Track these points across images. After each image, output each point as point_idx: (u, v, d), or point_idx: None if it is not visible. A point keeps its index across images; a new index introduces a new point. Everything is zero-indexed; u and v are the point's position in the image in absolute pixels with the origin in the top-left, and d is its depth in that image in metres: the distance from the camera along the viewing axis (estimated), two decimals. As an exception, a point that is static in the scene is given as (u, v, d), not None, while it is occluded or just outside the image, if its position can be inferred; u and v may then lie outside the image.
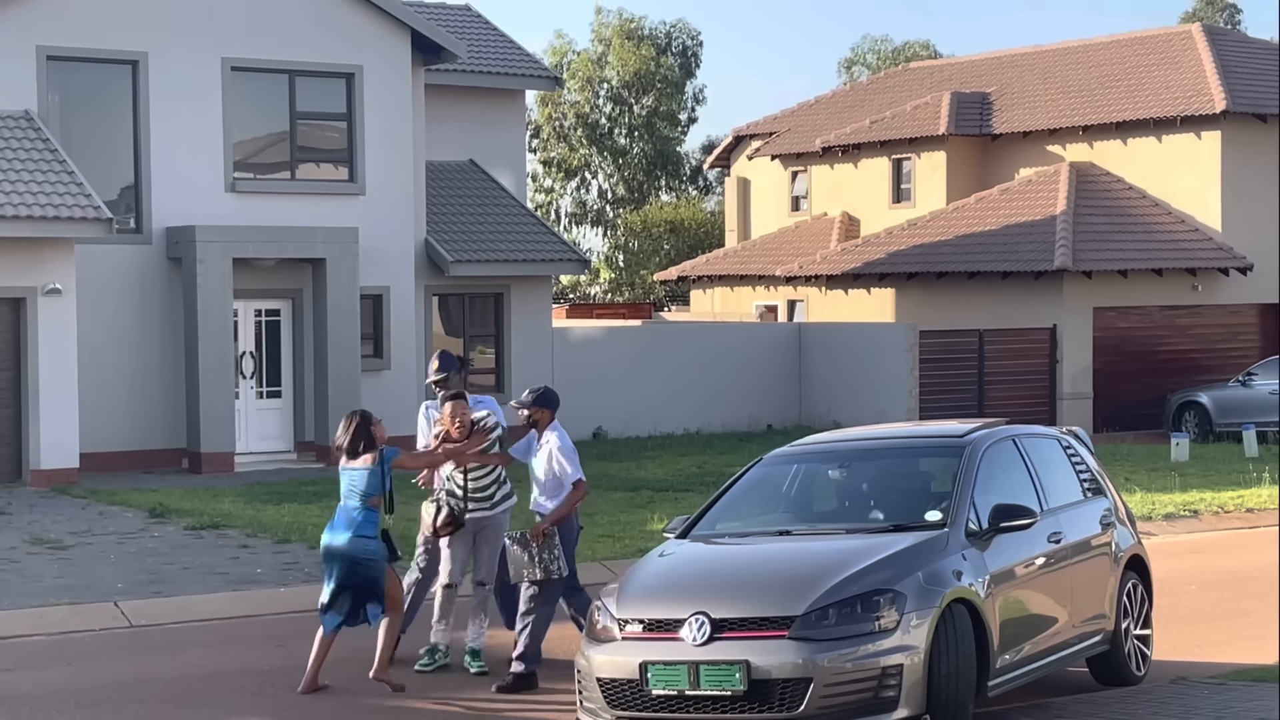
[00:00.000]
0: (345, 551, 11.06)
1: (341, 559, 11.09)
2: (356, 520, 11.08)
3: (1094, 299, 32.28)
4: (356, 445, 11.14)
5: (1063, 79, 38.10)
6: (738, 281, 40.40)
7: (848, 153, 39.71)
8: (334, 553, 11.14)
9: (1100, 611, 10.96)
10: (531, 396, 11.68)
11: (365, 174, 26.51)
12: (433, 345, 28.62)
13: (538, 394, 11.70)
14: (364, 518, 11.08)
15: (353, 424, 11.18)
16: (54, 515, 19.67)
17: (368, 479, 11.07)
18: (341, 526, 11.13)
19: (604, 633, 9.53)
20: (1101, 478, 11.79)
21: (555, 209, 64.87)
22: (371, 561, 11.07)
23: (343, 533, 11.10)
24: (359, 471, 11.11)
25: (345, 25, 26.25)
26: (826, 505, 10.87)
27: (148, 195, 24.92)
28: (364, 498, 11.07)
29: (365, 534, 11.06)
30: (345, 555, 11.07)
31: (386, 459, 11.14)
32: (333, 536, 11.17)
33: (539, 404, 11.65)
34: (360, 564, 11.05)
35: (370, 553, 11.07)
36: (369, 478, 11.07)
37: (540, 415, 11.65)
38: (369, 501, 11.08)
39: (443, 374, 12.54)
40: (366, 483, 11.07)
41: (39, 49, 23.98)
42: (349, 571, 11.07)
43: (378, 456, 11.10)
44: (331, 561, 11.17)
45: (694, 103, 65.41)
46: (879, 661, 8.98)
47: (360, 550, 11.05)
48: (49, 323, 22.62)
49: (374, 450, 11.12)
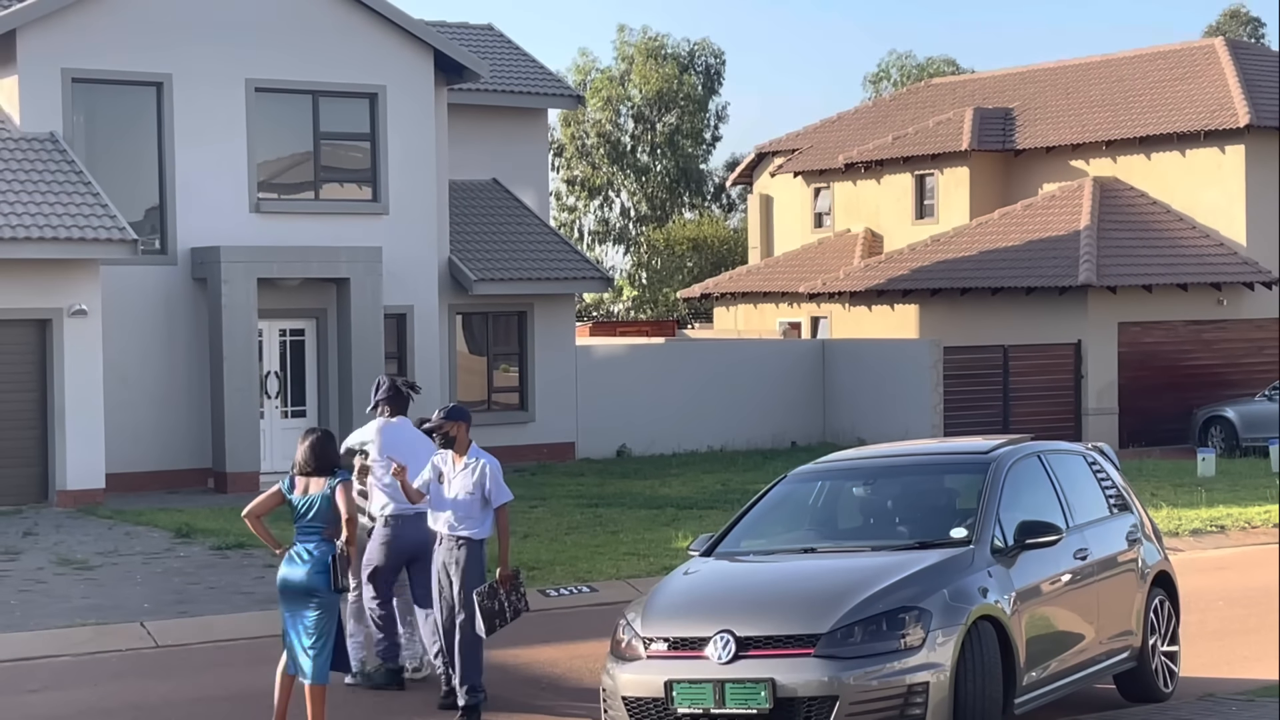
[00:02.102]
0: (306, 586, 10.23)
1: (299, 592, 10.27)
2: (316, 554, 10.25)
3: (1119, 314, 32.20)
4: (325, 465, 10.36)
5: (1086, 94, 38.05)
6: (761, 298, 40.40)
7: (871, 169, 39.70)
8: (292, 587, 10.31)
9: (1127, 628, 10.92)
10: (443, 413, 11.18)
11: (389, 193, 26.59)
12: (457, 364, 28.72)
13: (449, 410, 11.21)
14: (323, 551, 10.27)
15: (313, 443, 10.41)
16: (80, 536, 19.74)
17: (323, 506, 10.29)
18: (300, 559, 10.29)
19: (629, 651, 9.52)
20: (1127, 493, 11.75)
21: (578, 227, 64.97)
22: (330, 598, 10.31)
23: (301, 566, 10.26)
24: (315, 497, 10.32)
25: (368, 46, 26.35)
26: (851, 522, 10.85)
27: (172, 216, 25.02)
28: (322, 528, 10.30)
29: (324, 569, 10.24)
30: (305, 589, 10.24)
31: (334, 482, 10.34)
32: (291, 569, 10.31)
33: (451, 418, 11.11)
34: (318, 599, 10.27)
35: (321, 589, 10.25)
36: (324, 504, 10.29)
37: (456, 430, 11.08)
38: (326, 533, 10.29)
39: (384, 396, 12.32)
40: (323, 510, 10.28)
41: (64, 71, 24.11)
42: (303, 606, 10.28)
43: (330, 482, 10.34)
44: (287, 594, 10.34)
45: (717, 120, 65.49)
46: (904, 679, 8.96)
47: (322, 585, 10.24)
48: (75, 344, 22.71)
49: (326, 474, 10.37)
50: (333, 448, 10.54)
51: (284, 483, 10.47)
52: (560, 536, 19.50)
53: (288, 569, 10.33)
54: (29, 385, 22.73)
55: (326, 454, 10.42)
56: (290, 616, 10.36)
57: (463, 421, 11.16)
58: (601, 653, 10.25)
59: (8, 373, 22.63)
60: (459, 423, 11.13)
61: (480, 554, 11.14)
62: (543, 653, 13.37)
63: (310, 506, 10.32)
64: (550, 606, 15.61)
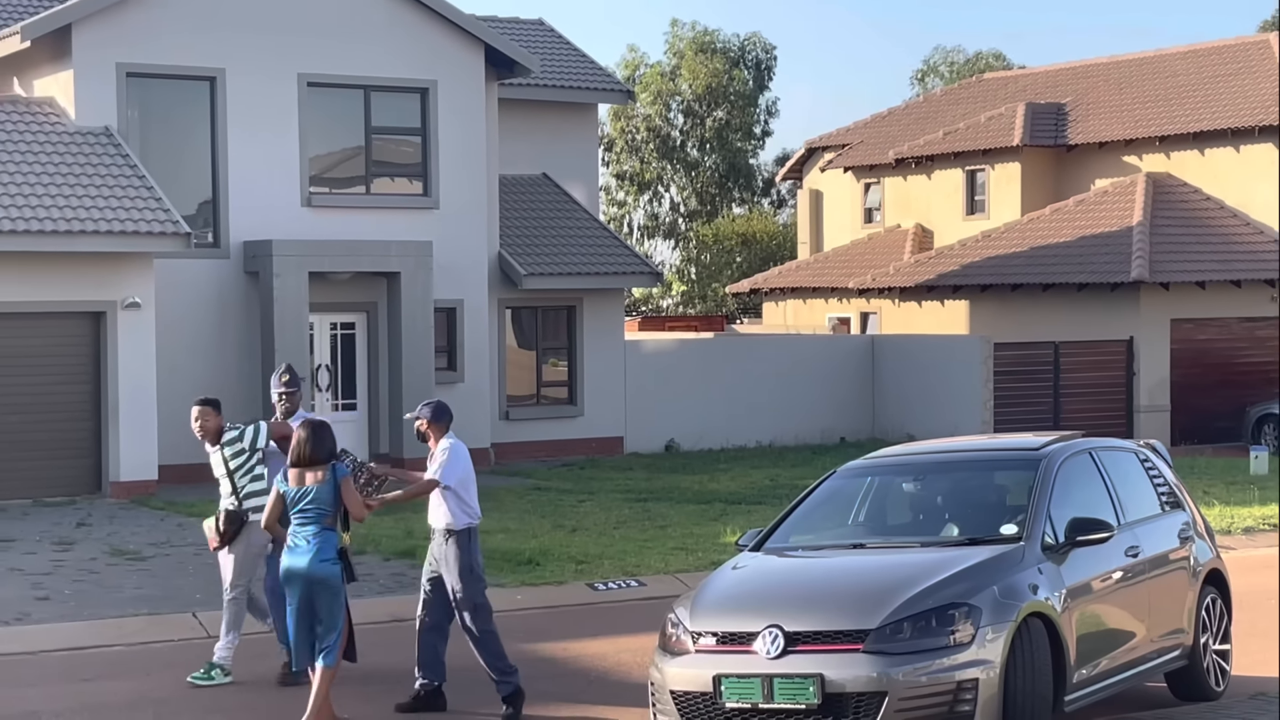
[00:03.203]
0: (309, 574, 10.38)
1: (304, 581, 10.41)
2: (317, 543, 10.39)
3: (1171, 311, 31.98)
4: (321, 457, 10.44)
5: (1139, 89, 37.81)
6: (810, 294, 40.31)
7: (921, 164, 39.55)
8: (295, 575, 10.44)
9: (1178, 626, 10.86)
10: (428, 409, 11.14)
11: (439, 188, 26.67)
12: (506, 358, 28.79)
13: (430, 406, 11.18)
14: (324, 539, 10.42)
15: (310, 433, 10.47)
16: (133, 527, 19.90)
17: (322, 495, 10.40)
18: (301, 548, 10.41)
19: (678, 645, 9.53)
20: (1179, 491, 11.68)
21: (627, 222, 64.97)
22: (336, 584, 10.45)
23: (303, 555, 10.39)
24: (312, 488, 10.41)
25: (420, 41, 26.44)
26: (901, 518, 10.83)
27: (225, 210, 25.17)
28: (320, 517, 10.40)
29: (327, 557, 10.41)
30: (308, 578, 10.39)
31: (339, 474, 10.50)
32: (293, 558, 10.44)
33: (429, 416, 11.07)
34: (326, 587, 10.41)
35: (335, 576, 10.45)
36: (323, 494, 10.40)
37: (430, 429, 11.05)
38: (326, 521, 10.42)
39: (292, 389, 12.29)
40: (322, 499, 10.39)
41: (119, 66, 24.29)
42: (311, 594, 10.42)
43: (328, 472, 10.46)
44: (290, 584, 10.50)
45: (767, 115, 65.35)
46: (954, 676, 8.94)
47: (326, 574, 10.40)
48: (128, 336, 22.89)
49: (324, 464, 10.45)
50: (330, 437, 10.60)
51: (278, 481, 10.60)
52: (608, 531, 19.53)
53: (291, 557, 10.44)
54: (83, 377, 22.92)
55: (324, 444, 10.50)
56: (296, 605, 10.43)
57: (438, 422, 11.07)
58: (649, 647, 10.26)
59: (62, 365, 22.83)
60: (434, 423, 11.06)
61: (467, 545, 10.95)
62: (591, 646, 13.39)
63: (308, 496, 10.40)
64: (598, 600, 15.63)
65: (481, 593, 11.08)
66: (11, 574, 16.59)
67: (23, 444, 22.44)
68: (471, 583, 10.99)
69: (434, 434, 11.10)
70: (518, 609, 15.08)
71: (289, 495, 10.51)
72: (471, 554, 11.00)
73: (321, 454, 10.45)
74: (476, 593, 11.02)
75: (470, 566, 10.97)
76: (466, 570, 10.95)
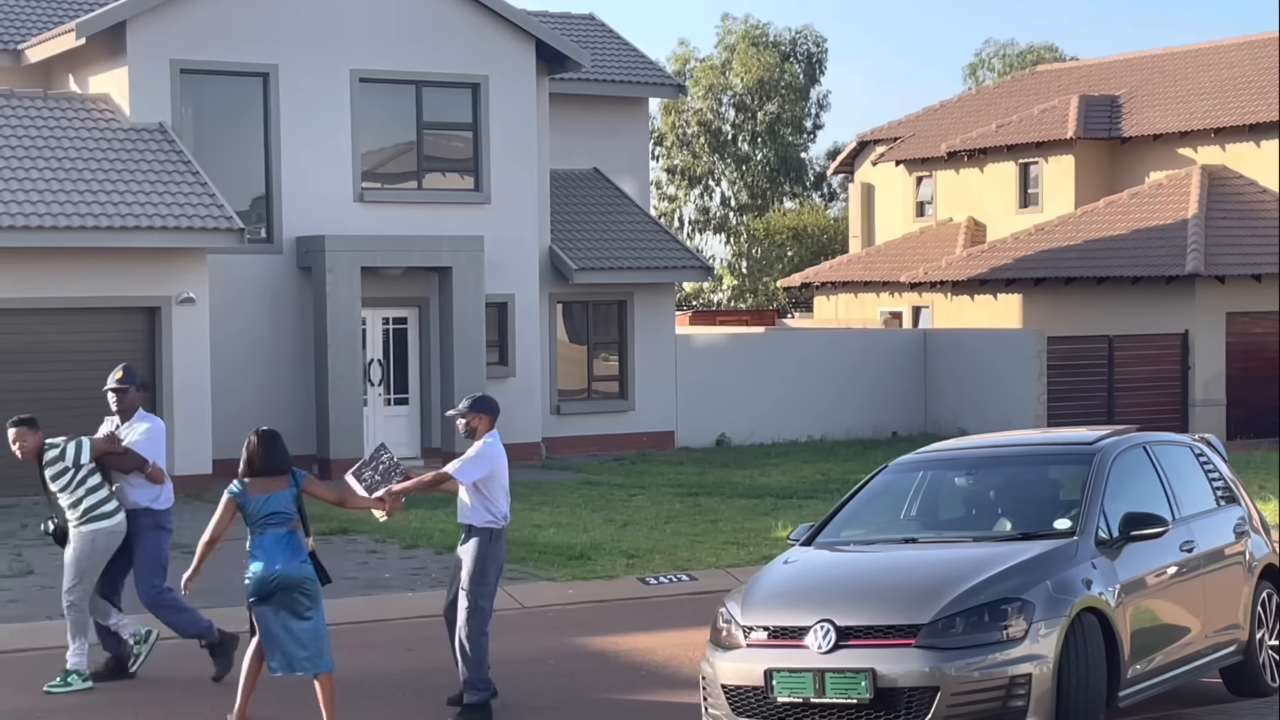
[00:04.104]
0: (288, 580, 10.29)
1: (284, 589, 10.32)
2: (288, 549, 10.33)
3: (1227, 304, 31.72)
4: (277, 468, 10.41)
5: (1193, 81, 37.50)
6: (862, 288, 40.20)
7: (973, 157, 39.37)
8: (276, 583, 10.32)
9: (1234, 621, 10.79)
10: (467, 403, 11.11)
11: (490, 183, 26.75)
12: (557, 352, 28.84)
13: (473, 400, 11.15)
14: (293, 544, 10.35)
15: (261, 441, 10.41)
16: (187, 521, 19.94)
17: (285, 502, 10.36)
18: (275, 557, 10.32)
19: (729, 639, 9.53)
20: (1235, 486, 11.60)
21: (678, 216, 64.96)
22: (314, 588, 10.38)
23: (282, 563, 10.31)
24: (274, 495, 10.36)
25: (471, 36, 26.51)
26: (953, 513, 10.79)
27: (278, 205, 25.32)
28: (286, 522, 10.36)
29: (303, 559, 10.36)
30: (287, 584, 10.30)
31: (299, 480, 10.48)
32: (270, 567, 10.31)
33: (474, 409, 11.06)
34: (306, 592, 10.34)
35: (312, 578, 10.39)
36: (286, 500, 10.36)
37: (478, 422, 11.02)
38: (291, 526, 10.37)
39: (124, 386, 12.20)
40: (286, 506, 10.36)
41: (173, 63, 24.47)
42: (289, 601, 10.32)
43: (290, 478, 10.44)
44: (269, 594, 10.35)
45: (818, 109, 65.21)
46: (1007, 671, 8.90)
47: (305, 576, 10.34)
48: (183, 331, 23.06)
49: (284, 471, 10.44)
50: (283, 445, 10.56)
51: (234, 490, 10.44)
52: (660, 525, 19.54)
53: (263, 566, 10.33)
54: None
55: (277, 454, 10.45)
56: (276, 612, 10.34)
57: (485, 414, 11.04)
58: (700, 641, 10.26)
59: (118, 360, 22.77)
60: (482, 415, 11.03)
61: (485, 545, 10.81)
62: (641, 640, 13.41)
63: (269, 505, 10.34)
64: (649, 595, 15.64)
65: (485, 597, 10.87)
66: (68, 567, 16.70)
67: (79, 438, 22.60)
68: (478, 584, 10.83)
69: (480, 427, 10.99)
70: (569, 603, 15.12)
71: (247, 506, 10.38)
72: (486, 556, 10.84)
73: (277, 465, 10.41)
74: (480, 595, 10.85)
75: (482, 568, 10.83)
76: (477, 571, 10.82)
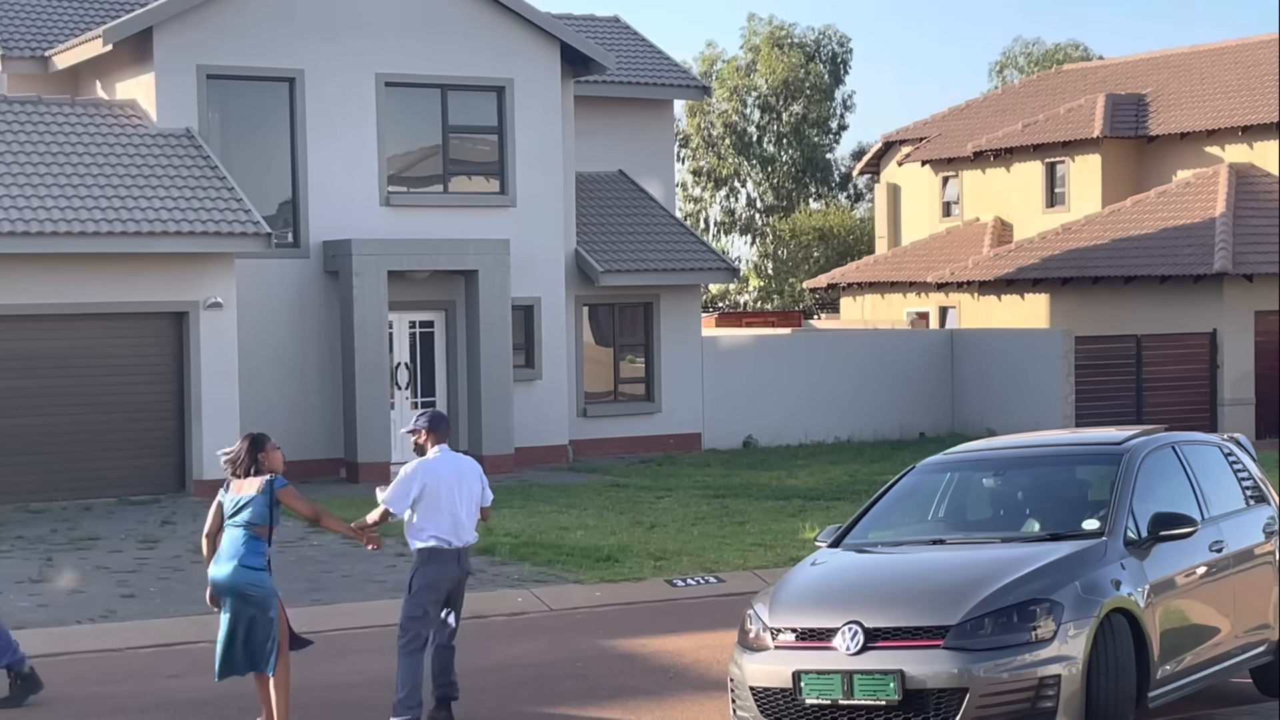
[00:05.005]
0: (232, 583, 10.34)
1: (229, 591, 10.37)
2: (241, 550, 10.35)
3: (1255, 303, 31.58)
4: (249, 466, 10.48)
5: (1220, 79, 37.35)
6: (888, 288, 40.13)
7: (1000, 157, 39.28)
8: (221, 585, 10.40)
9: (1264, 622, 10.75)
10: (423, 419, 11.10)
11: (516, 186, 26.78)
12: (584, 355, 28.85)
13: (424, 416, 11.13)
14: (249, 547, 10.36)
15: (245, 445, 10.53)
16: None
17: (254, 506, 10.39)
18: (225, 556, 10.39)
19: (757, 641, 9.53)
20: (1264, 485, 11.55)
21: (704, 218, 64.92)
22: (260, 593, 10.37)
23: (227, 563, 10.36)
24: (247, 498, 10.43)
25: (496, 39, 26.54)
26: (981, 514, 10.77)
27: (305, 210, 25.39)
28: (249, 525, 10.37)
29: (251, 564, 10.36)
30: (232, 587, 10.34)
31: (275, 487, 10.45)
32: (218, 568, 10.41)
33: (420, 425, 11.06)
34: (248, 596, 10.35)
35: (259, 584, 10.37)
36: (256, 505, 10.39)
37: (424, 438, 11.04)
38: (254, 530, 10.38)
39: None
40: (253, 510, 10.38)
41: (199, 68, 24.55)
42: (239, 604, 10.37)
43: (265, 484, 10.44)
44: (220, 595, 10.44)
45: (843, 109, 65.11)
46: (1036, 672, 8.89)
47: (247, 581, 10.34)
48: (210, 336, 23.13)
49: (262, 476, 10.47)
50: (266, 450, 10.58)
51: (221, 492, 10.59)
52: (687, 527, 19.54)
53: (215, 567, 10.42)
54: (166, 377, 23.18)
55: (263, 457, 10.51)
56: (227, 614, 10.39)
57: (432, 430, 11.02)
58: (729, 643, 10.26)
59: (146, 365, 23.10)
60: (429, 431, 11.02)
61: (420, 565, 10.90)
62: (670, 642, 13.41)
63: (243, 506, 10.42)
64: (677, 597, 15.64)
65: (410, 611, 10.90)
66: (98, 572, 16.82)
67: (108, 443, 22.73)
68: (407, 598, 10.96)
69: (428, 444, 11.05)
70: (596, 605, 15.13)
71: (225, 505, 10.51)
72: (417, 574, 10.91)
73: (249, 465, 10.46)
74: (409, 606, 10.93)
75: (410, 583, 10.96)
76: (409, 590, 10.95)
